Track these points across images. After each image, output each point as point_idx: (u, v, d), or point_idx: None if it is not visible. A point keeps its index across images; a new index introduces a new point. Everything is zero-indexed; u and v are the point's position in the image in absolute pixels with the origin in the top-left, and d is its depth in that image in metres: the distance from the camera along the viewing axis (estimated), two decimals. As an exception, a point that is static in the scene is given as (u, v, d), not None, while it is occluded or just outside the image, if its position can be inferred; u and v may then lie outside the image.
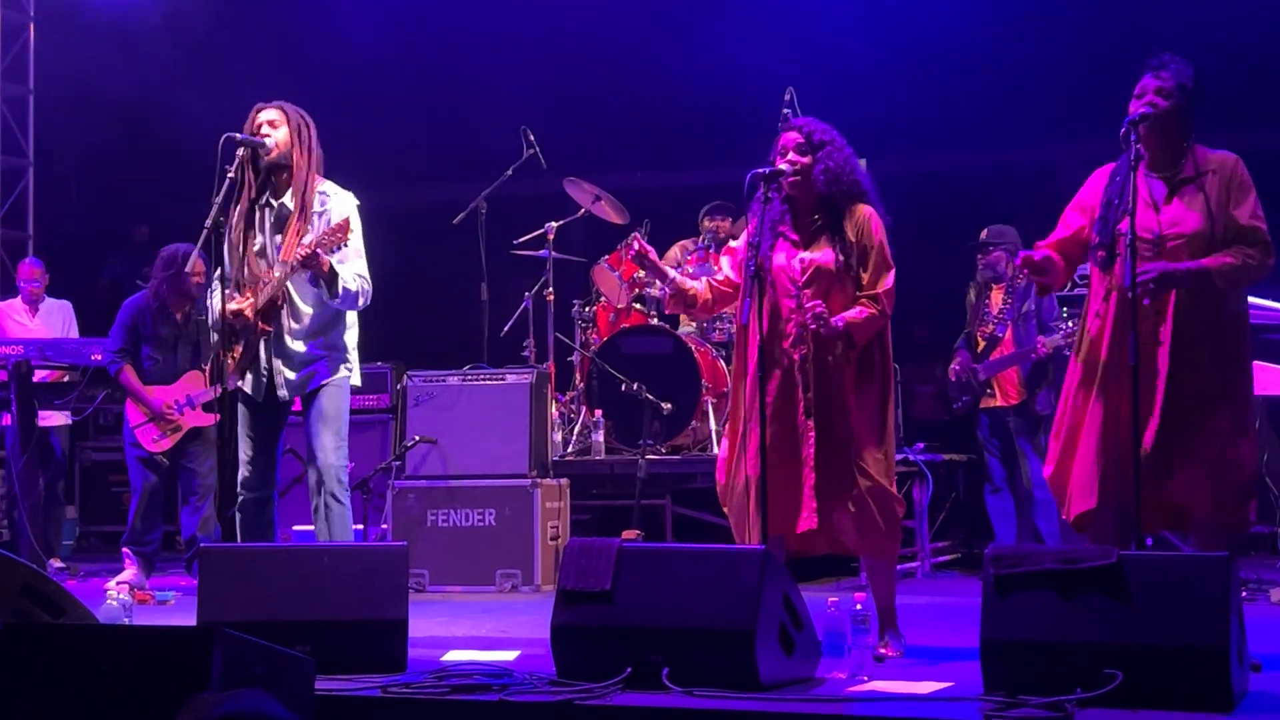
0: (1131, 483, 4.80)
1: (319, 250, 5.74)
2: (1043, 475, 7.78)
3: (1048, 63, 10.56)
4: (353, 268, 5.95)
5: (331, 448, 6.01)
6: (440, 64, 11.64)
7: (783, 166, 5.27)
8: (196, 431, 8.15)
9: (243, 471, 6.00)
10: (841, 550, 5.40)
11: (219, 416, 5.99)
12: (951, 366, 8.75)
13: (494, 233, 9.41)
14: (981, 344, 8.71)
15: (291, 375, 5.98)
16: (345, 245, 5.83)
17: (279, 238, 5.98)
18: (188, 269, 7.44)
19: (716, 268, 9.28)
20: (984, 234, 8.72)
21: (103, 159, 12.40)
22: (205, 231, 5.68)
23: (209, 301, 6.15)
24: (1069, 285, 5.71)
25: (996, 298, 8.71)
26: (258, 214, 6.01)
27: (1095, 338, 5.14)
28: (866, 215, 5.28)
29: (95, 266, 12.23)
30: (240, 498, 5.99)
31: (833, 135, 5.32)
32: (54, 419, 9.09)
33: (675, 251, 9.65)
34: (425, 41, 11.58)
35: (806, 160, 5.27)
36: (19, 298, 9.99)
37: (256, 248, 6.00)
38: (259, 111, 6.01)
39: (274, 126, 5.96)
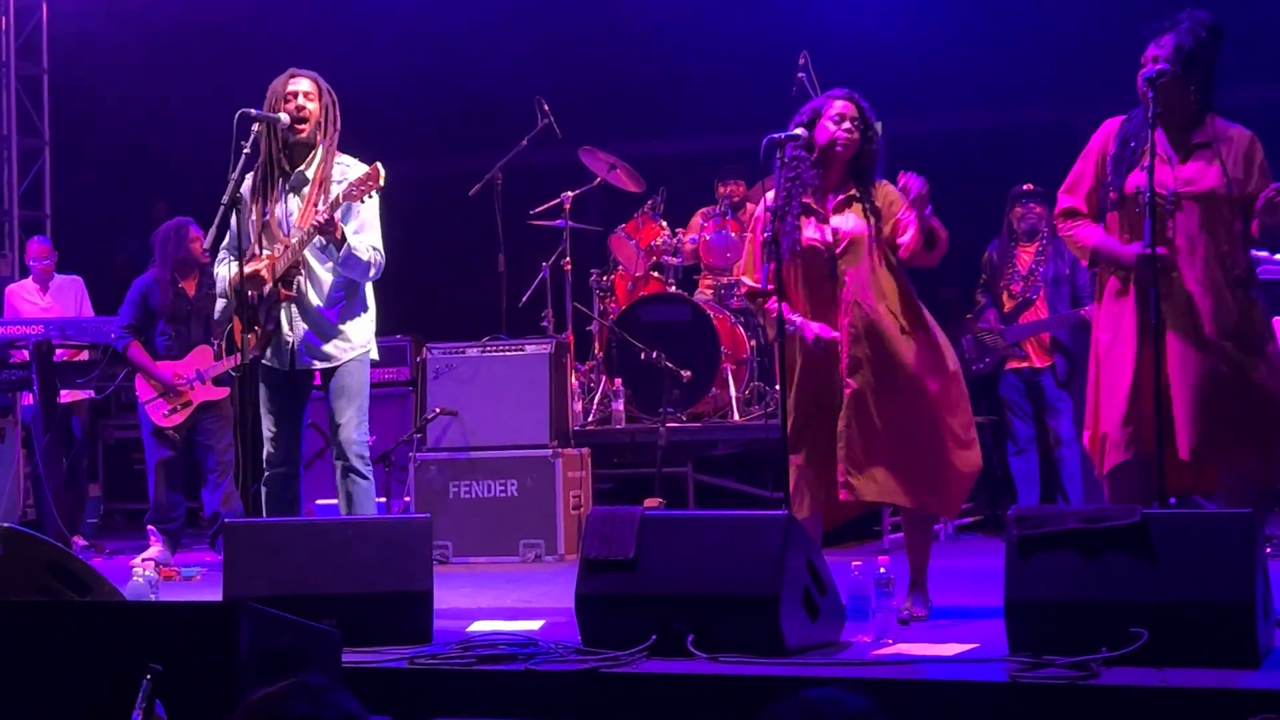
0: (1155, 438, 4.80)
1: (346, 201, 5.76)
2: (1072, 434, 7.68)
3: (1065, 22, 10.48)
4: (367, 239, 5.94)
5: (353, 423, 6.02)
6: (453, 34, 11.60)
7: (839, 136, 5.28)
8: (209, 406, 8.15)
9: (268, 447, 6.01)
10: (890, 502, 5.46)
11: (229, 390, 5.98)
12: (980, 326, 8.66)
13: (510, 203, 9.40)
14: (1009, 304, 8.62)
15: (314, 342, 5.99)
16: (374, 195, 5.82)
17: (296, 205, 5.99)
18: (188, 236, 7.46)
19: (733, 232, 9.32)
20: (1027, 185, 8.61)
21: (119, 137, 12.39)
22: (222, 208, 5.68)
23: (217, 271, 6.15)
24: None
25: (1024, 256, 8.62)
26: (275, 183, 6.01)
27: (1118, 293, 5.11)
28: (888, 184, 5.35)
29: (113, 245, 12.23)
30: (266, 473, 6.00)
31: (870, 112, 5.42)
32: (70, 395, 9.11)
33: (697, 220, 9.64)
34: (438, 12, 11.54)
35: (858, 136, 5.32)
36: (30, 278, 9.99)
37: (272, 216, 6.00)
38: (292, 78, 6.00)
39: (309, 99, 5.97)
